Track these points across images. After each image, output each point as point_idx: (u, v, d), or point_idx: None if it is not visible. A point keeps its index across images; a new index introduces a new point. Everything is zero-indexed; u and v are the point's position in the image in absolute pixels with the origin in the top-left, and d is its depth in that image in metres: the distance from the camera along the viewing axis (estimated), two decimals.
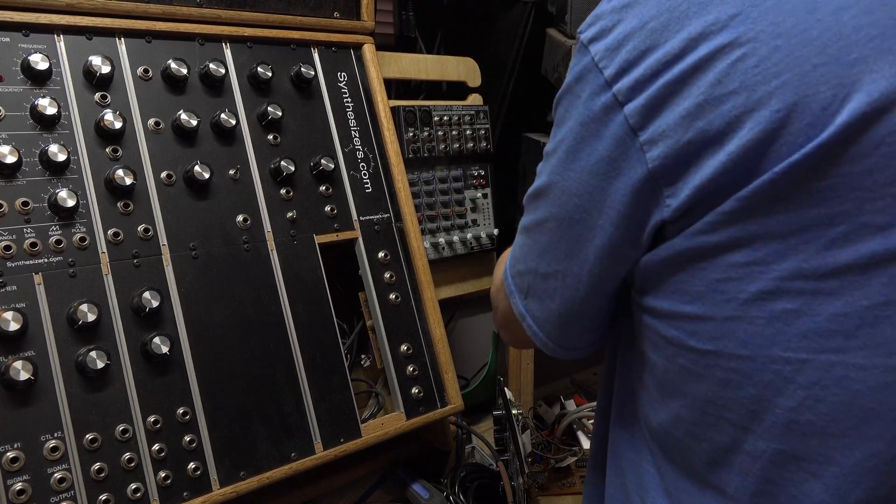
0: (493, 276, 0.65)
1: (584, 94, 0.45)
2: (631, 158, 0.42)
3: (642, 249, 0.46)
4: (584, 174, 0.46)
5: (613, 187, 0.44)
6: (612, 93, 0.42)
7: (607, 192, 0.45)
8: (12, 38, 0.65)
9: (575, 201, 0.47)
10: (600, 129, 0.44)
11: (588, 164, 0.45)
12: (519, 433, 0.83)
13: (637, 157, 0.42)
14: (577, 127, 0.45)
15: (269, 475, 0.70)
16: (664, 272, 0.44)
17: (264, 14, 0.80)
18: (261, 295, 0.74)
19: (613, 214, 0.45)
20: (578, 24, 0.95)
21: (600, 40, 0.44)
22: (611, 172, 0.44)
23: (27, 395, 0.59)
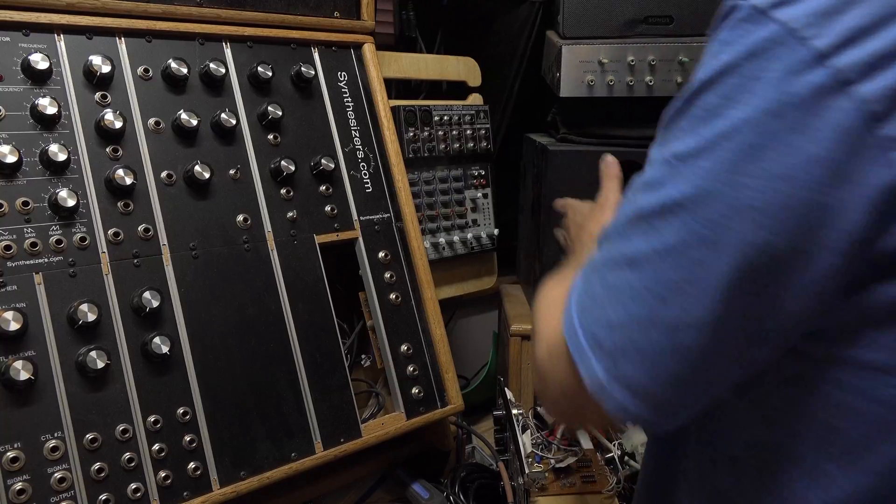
0: (535, 337, 0.48)
1: (773, 73, 0.33)
2: (866, 160, 0.32)
3: (864, 287, 0.35)
4: (780, 182, 0.33)
5: (837, 200, 0.32)
6: (832, 70, 0.32)
7: (827, 208, 0.33)
8: (12, 37, 0.65)
9: (758, 220, 0.34)
10: (809, 119, 0.32)
11: (786, 169, 0.33)
12: (519, 433, 0.83)
13: (878, 158, 0.32)
14: (760, 117, 0.33)
15: (269, 475, 0.70)
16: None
17: (264, 14, 0.80)
18: (261, 295, 0.74)
19: (837, 239, 0.33)
20: (571, 26, 0.96)
21: (794, 4, 0.33)
22: (832, 180, 0.32)
23: (27, 395, 0.59)
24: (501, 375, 1.14)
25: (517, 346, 1.08)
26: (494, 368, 1.24)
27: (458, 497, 0.85)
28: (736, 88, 0.35)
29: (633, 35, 0.98)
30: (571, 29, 0.98)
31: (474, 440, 1.02)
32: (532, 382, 1.09)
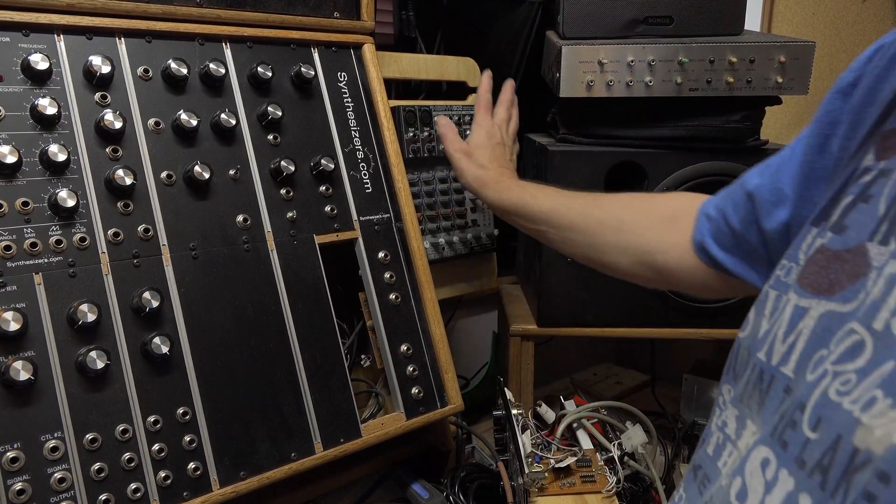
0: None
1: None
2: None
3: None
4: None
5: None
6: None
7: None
8: (12, 38, 0.65)
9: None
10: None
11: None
12: (519, 433, 0.83)
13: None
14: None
15: (269, 475, 0.70)
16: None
17: (264, 14, 0.80)
18: (261, 295, 0.74)
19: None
20: (570, 26, 0.97)
21: None
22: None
23: (27, 395, 0.59)
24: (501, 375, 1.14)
25: (517, 346, 1.08)
26: (494, 368, 1.24)
27: (457, 497, 0.85)
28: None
29: (633, 35, 0.98)
30: (571, 29, 0.98)
31: (474, 440, 1.02)
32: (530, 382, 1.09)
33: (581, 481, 0.85)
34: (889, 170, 0.37)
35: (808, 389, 0.35)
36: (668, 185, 0.97)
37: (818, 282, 0.38)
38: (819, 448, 0.33)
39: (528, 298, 1.18)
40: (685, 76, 0.93)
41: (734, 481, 0.40)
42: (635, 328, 1.05)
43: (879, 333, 0.32)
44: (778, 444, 0.37)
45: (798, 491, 0.34)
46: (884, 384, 0.30)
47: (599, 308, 1.04)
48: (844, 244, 0.38)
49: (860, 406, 0.31)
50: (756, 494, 0.37)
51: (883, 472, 0.29)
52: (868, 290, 0.34)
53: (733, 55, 0.93)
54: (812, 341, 0.37)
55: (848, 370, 0.33)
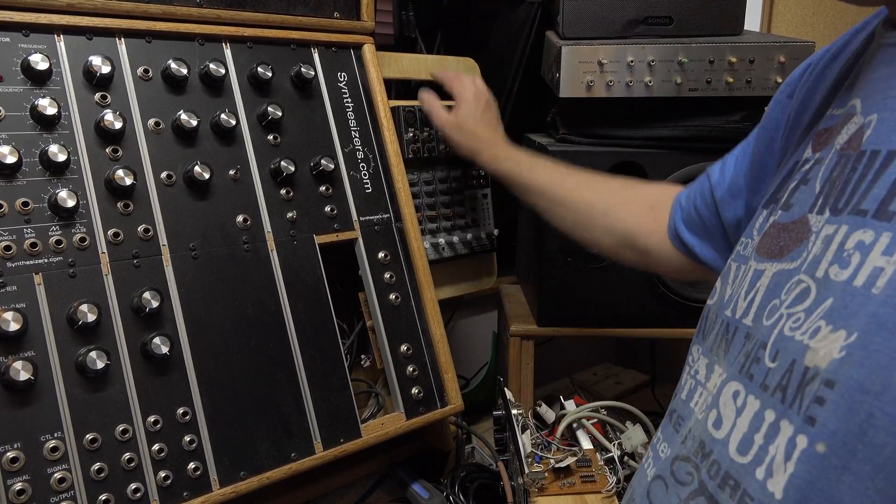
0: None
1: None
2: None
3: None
4: None
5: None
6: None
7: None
8: (12, 38, 0.65)
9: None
10: None
11: None
12: (519, 433, 0.83)
13: None
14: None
15: (269, 475, 0.70)
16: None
17: (264, 14, 0.80)
18: (261, 295, 0.74)
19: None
20: (570, 26, 0.97)
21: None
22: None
23: (27, 395, 0.59)
24: (501, 375, 1.14)
25: (517, 347, 1.08)
26: (494, 368, 1.24)
27: (457, 497, 0.85)
28: None
29: (632, 35, 0.98)
30: (571, 29, 0.98)
31: (474, 440, 1.02)
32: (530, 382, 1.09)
33: (581, 481, 0.84)
34: (822, 158, 0.46)
35: (767, 331, 0.43)
36: None
37: (771, 249, 0.47)
38: (778, 373, 0.40)
39: (528, 298, 1.18)
40: (685, 76, 0.93)
41: (710, 414, 0.47)
42: (635, 328, 1.05)
43: (820, 280, 0.40)
44: (746, 377, 0.44)
45: (763, 409, 0.41)
46: (825, 316, 0.38)
47: (599, 308, 1.04)
48: (790, 218, 0.46)
49: (808, 335, 0.39)
50: (729, 420, 0.44)
51: (828, 379, 0.36)
52: (809, 249, 0.42)
53: (733, 55, 0.93)
54: (766, 295, 0.45)
55: (798, 311, 0.41)
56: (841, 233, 0.39)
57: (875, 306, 0.35)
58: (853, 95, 0.46)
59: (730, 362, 0.47)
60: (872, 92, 0.43)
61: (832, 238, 0.40)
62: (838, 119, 0.46)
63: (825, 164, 0.45)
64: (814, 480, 0.35)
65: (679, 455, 0.50)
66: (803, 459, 0.36)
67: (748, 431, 0.42)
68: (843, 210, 0.40)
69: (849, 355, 0.35)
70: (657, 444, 0.55)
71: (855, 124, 0.43)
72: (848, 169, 0.41)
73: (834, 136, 0.45)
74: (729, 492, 0.42)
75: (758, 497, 0.39)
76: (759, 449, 0.40)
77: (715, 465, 0.44)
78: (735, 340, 0.47)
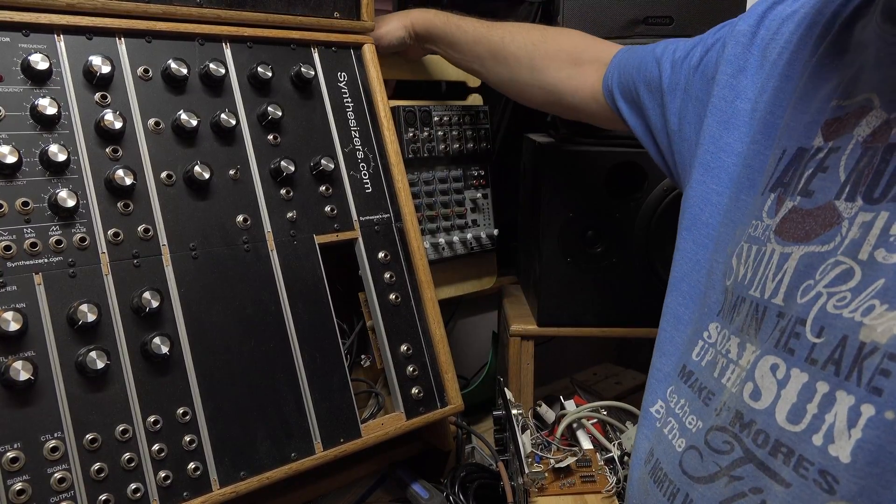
0: None
1: None
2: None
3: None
4: None
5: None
6: None
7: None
8: (12, 38, 0.65)
9: None
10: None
11: None
12: (519, 433, 0.83)
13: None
14: None
15: (269, 475, 0.70)
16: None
17: (264, 14, 0.80)
18: (261, 295, 0.74)
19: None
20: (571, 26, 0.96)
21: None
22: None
23: (27, 395, 0.59)
24: (501, 375, 1.14)
25: (517, 346, 1.08)
26: (494, 368, 1.24)
27: (457, 497, 0.85)
28: None
29: (633, 35, 0.98)
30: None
31: (474, 440, 1.02)
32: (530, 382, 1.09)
33: (581, 481, 0.84)
34: (838, 147, 0.48)
35: (804, 309, 0.45)
36: (668, 186, 0.97)
37: (796, 233, 0.49)
38: (828, 348, 0.43)
39: (528, 298, 1.18)
40: None
41: (745, 386, 0.49)
42: (635, 328, 1.05)
43: (865, 262, 0.42)
44: (785, 352, 0.46)
45: (814, 381, 0.43)
46: (878, 295, 0.40)
47: (599, 308, 1.04)
48: (814, 204, 0.48)
49: (860, 313, 0.41)
50: (770, 392, 0.47)
51: (892, 353, 0.38)
52: (844, 235, 0.45)
53: None
54: (795, 276, 0.48)
55: (842, 290, 0.43)
56: (882, 219, 0.42)
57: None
58: (862, 90, 0.48)
59: (762, 339, 0.49)
60: (892, 89, 0.46)
61: (872, 224, 0.43)
62: (850, 110, 0.48)
63: (847, 154, 0.47)
64: (884, 445, 0.38)
65: (713, 426, 0.52)
66: (872, 427, 0.39)
67: (798, 402, 0.44)
68: (880, 199, 0.43)
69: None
70: (683, 417, 0.57)
71: (877, 118, 0.46)
72: (877, 160, 0.44)
73: (849, 127, 0.48)
74: (782, 458, 0.44)
75: (818, 461, 0.42)
76: (813, 418, 0.43)
77: (762, 434, 0.47)
78: (766, 319, 0.50)
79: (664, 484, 0.56)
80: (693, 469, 0.53)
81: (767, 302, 0.50)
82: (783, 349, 0.47)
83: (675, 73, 0.70)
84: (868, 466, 0.39)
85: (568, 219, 1.01)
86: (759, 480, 0.46)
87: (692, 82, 0.68)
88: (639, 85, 0.75)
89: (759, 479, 0.46)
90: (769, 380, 0.47)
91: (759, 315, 0.51)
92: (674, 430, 0.58)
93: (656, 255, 0.99)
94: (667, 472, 0.56)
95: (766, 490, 0.45)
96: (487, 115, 1.09)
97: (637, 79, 0.75)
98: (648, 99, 0.74)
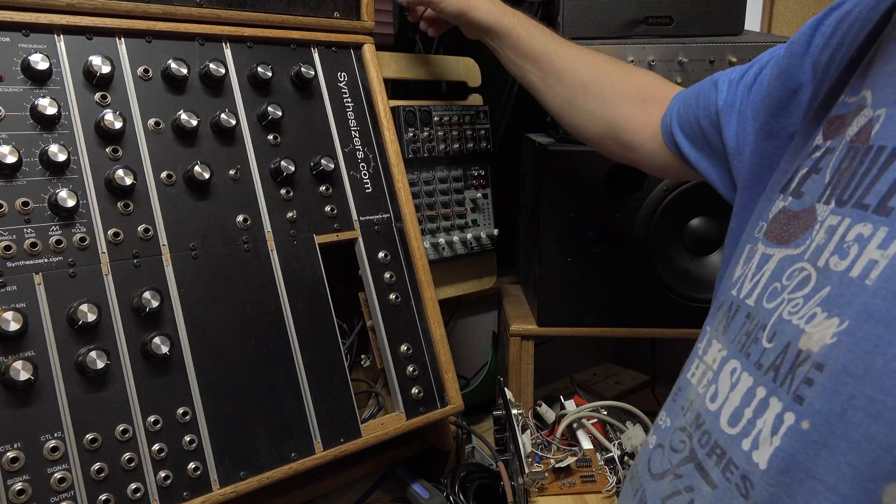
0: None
1: None
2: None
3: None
4: None
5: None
6: None
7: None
8: (12, 38, 0.65)
9: None
10: None
11: None
12: (519, 433, 0.83)
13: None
14: None
15: (269, 475, 0.70)
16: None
17: (264, 14, 0.80)
18: (261, 295, 0.74)
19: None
20: (571, 26, 0.97)
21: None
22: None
23: (27, 395, 0.59)
24: (501, 375, 1.14)
25: (517, 346, 1.08)
26: (494, 368, 1.24)
27: (457, 497, 0.85)
28: None
29: (633, 35, 0.98)
30: (571, 29, 0.98)
31: (474, 440, 1.02)
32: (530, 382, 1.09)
33: (581, 481, 0.85)
34: (833, 147, 0.47)
35: (768, 314, 0.45)
36: (668, 186, 0.97)
37: (780, 235, 0.48)
38: (773, 353, 0.43)
39: (528, 298, 1.18)
40: (685, 76, 0.93)
41: (709, 389, 0.49)
42: (635, 328, 1.05)
43: (821, 268, 0.42)
44: (743, 356, 0.47)
45: (756, 386, 0.44)
46: (822, 303, 0.40)
47: (599, 308, 1.04)
48: (801, 206, 0.48)
49: (804, 320, 0.41)
50: (723, 393, 0.47)
51: (819, 363, 0.38)
52: (813, 238, 0.44)
53: (733, 55, 0.93)
54: (770, 279, 0.47)
55: (797, 297, 0.43)
56: (844, 224, 0.41)
57: (867, 297, 0.37)
58: (865, 85, 0.46)
59: (730, 339, 0.49)
60: (883, 85, 0.44)
61: (835, 229, 0.42)
62: (851, 108, 0.47)
63: (836, 155, 0.46)
64: (795, 454, 0.38)
65: (678, 426, 0.52)
66: (789, 435, 0.39)
67: (739, 405, 0.44)
68: (847, 202, 0.42)
69: (839, 341, 0.37)
70: (661, 418, 0.57)
71: (865, 117, 0.44)
72: (855, 162, 0.43)
73: (845, 126, 0.47)
74: (716, 459, 0.45)
75: (742, 466, 0.42)
76: (747, 422, 0.43)
77: (706, 435, 0.47)
78: (736, 319, 0.49)
79: (634, 480, 0.57)
80: (655, 466, 0.53)
81: (741, 301, 0.50)
82: (744, 353, 0.47)
83: (731, 93, 0.66)
84: (779, 475, 0.39)
85: (568, 219, 1.01)
86: (693, 480, 0.47)
87: (747, 102, 0.64)
88: (699, 115, 0.69)
89: (694, 478, 0.47)
90: (726, 383, 0.47)
91: (731, 313, 0.51)
92: (653, 430, 0.58)
93: (656, 255, 0.99)
94: (638, 468, 0.57)
95: (697, 490, 0.46)
96: (487, 115, 1.09)
97: (698, 110, 0.69)
98: (708, 125, 0.68)
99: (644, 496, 0.53)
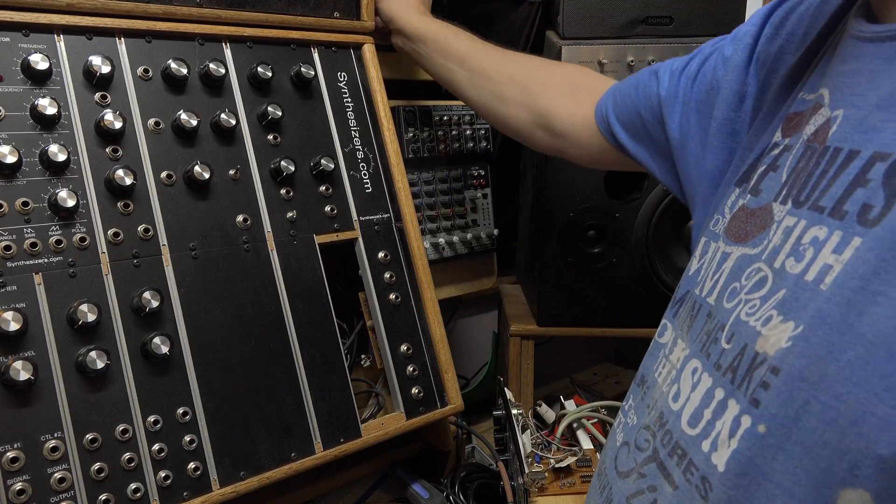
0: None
1: None
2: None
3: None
4: None
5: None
6: None
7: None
8: (12, 38, 0.65)
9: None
10: None
11: None
12: (519, 433, 0.83)
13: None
14: None
15: (269, 475, 0.70)
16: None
17: (264, 14, 0.80)
18: (261, 295, 0.74)
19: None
20: (571, 26, 0.97)
21: None
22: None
23: (27, 395, 0.59)
24: (501, 375, 1.14)
25: (517, 346, 1.08)
26: (494, 368, 1.24)
27: (457, 497, 0.85)
28: None
29: (632, 35, 0.98)
30: (571, 29, 0.98)
31: (474, 440, 1.02)
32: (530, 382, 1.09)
33: (581, 481, 0.85)
34: (791, 146, 0.47)
35: (727, 314, 0.45)
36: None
37: (738, 233, 0.49)
38: (731, 354, 0.43)
39: (528, 298, 1.18)
40: None
41: (672, 388, 0.50)
42: (635, 328, 1.05)
43: (777, 270, 0.41)
44: (704, 356, 0.47)
45: (714, 387, 0.44)
46: (777, 306, 0.40)
47: (599, 308, 1.04)
48: (758, 204, 0.48)
49: (761, 322, 0.41)
50: (685, 393, 0.47)
51: (774, 366, 0.38)
52: (770, 238, 0.44)
53: None
54: (728, 278, 0.47)
55: (755, 298, 0.43)
56: (800, 226, 0.41)
57: (821, 302, 0.36)
58: (822, 84, 0.46)
59: (692, 339, 0.49)
60: (841, 86, 0.43)
61: (792, 230, 0.42)
62: (809, 105, 0.47)
63: (793, 153, 0.46)
64: (752, 457, 0.38)
65: (643, 424, 0.53)
66: (746, 438, 0.39)
67: (699, 406, 0.45)
68: (804, 203, 0.42)
69: (794, 346, 0.37)
70: (627, 411, 0.57)
71: (822, 116, 0.44)
72: (812, 163, 0.43)
73: (803, 124, 0.46)
74: (676, 460, 0.45)
75: (702, 468, 0.42)
76: (706, 423, 0.43)
77: (668, 435, 0.47)
78: (698, 318, 0.49)
79: (602, 477, 0.57)
80: (621, 464, 0.53)
81: (703, 300, 0.50)
82: (704, 353, 0.47)
83: (674, 83, 0.66)
84: (737, 478, 0.39)
85: (568, 219, 1.01)
86: (656, 479, 0.47)
87: (691, 94, 0.64)
88: (640, 106, 0.69)
89: (657, 478, 0.47)
90: (688, 383, 0.47)
91: (693, 312, 0.51)
92: (620, 424, 0.58)
93: (656, 255, 0.99)
94: (606, 466, 0.57)
95: (659, 489, 0.46)
96: None
97: (638, 100, 0.70)
98: (650, 116, 0.69)
99: (610, 494, 0.53)
